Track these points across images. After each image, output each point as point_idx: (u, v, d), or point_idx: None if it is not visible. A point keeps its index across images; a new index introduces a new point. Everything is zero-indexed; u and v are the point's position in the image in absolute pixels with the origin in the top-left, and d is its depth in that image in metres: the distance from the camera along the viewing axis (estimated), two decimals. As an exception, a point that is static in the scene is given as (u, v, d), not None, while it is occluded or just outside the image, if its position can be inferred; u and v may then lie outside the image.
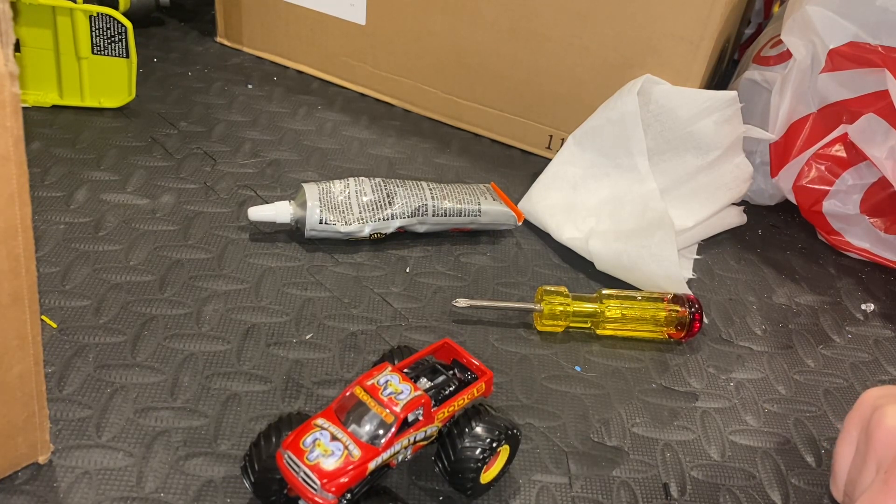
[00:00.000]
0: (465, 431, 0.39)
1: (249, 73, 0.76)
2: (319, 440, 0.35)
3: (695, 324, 0.52)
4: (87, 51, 0.63)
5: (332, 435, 0.36)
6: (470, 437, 0.39)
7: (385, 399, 0.37)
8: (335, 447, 0.35)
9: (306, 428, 0.36)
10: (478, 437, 0.39)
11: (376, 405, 0.37)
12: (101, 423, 0.41)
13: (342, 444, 0.36)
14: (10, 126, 0.30)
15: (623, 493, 0.42)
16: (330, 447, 0.35)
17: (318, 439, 0.35)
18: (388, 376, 0.38)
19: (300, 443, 0.35)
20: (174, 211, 0.56)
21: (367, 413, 0.37)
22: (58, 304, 0.47)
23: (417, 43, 0.70)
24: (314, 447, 0.35)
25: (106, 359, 0.45)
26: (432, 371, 0.41)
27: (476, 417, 0.39)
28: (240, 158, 0.63)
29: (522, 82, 0.67)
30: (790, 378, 0.52)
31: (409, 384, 0.38)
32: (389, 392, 0.37)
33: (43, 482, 0.38)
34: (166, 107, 0.68)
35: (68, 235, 0.53)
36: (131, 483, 0.39)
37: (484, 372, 0.41)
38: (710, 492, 0.43)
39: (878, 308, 0.60)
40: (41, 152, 0.60)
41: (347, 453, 0.35)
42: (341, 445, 0.35)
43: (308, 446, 0.35)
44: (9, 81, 0.30)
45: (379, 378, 0.38)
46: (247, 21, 0.78)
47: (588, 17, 0.62)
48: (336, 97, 0.74)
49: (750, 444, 0.47)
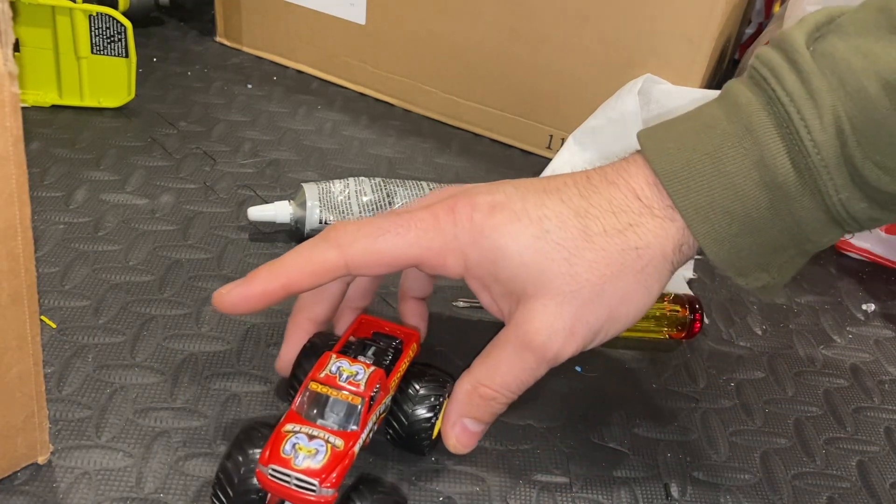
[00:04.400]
0: (410, 395, 0.40)
1: (249, 73, 0.76)
2: (298, 444, 0.35)
3: (695, 324, 0.52)
4: (87, 50, 0.63)
5: (308, 435, 0.35)
6: (418, 399, 0.40)
7: (345, 384, 0.37)
8: (316, 445, 0.35)
9: (279, 438, 0.35)
10: (425, 398, 0.40)
11: (339, 393, 0.37)
12: (100, 424, 0.41)
13: (322, 440, 0.35)
14: (9, 126, 0.30)
15: (623, 493, 0.42)
16: (311, 447, 0.35)
17: (296, 443, 0.35)
18: (336, 363, 0.38)
19: (280, 452, 0.35)
20: (174, 211, 0.56)
21: (333, 403, 0.37)
22: (57, 304, 0.47)
23: (417, 43, 0.70)
24: (297, 452, 0.35)
25: (105, 359, 0.45)
26: (363, 347, 0.41)
27: (416, 379, 0.41)
28: (239, 158, 0.63)
29: (522, 82, 0.67)
30: (791, 378, 0.52)
31: (359, 364, 0.38)
32: (346, 377, 0.37)
33: (42, 482, 0.38)
34: (166, 106, 0.68)
35: (68, 235, 0.52)
36: (131, 483, 0.38)
37: (410, 334, 0.42)
38: (710, 492, 0.43)
39: (879, 308, 0.60)
40: (40, 152, 0.60)
41: (331, 446, 0.35)
42: (321, 441, 0.35)
43: (290, 453, 0.35)
44: (8, 81, 0.29)
45: (330, 367, 0.38)
46: (246, 21, 0.78)
47: (588, 17, 0.62)
48: (336, 97, 0.74)
49: (750, 444, 0.46)
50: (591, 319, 0.38)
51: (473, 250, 0.38)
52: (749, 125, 0.36)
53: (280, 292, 0.38)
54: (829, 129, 0.34)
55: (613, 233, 0.37)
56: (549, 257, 0.37)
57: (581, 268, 0.37)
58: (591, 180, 0.39)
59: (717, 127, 0.37)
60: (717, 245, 0.37)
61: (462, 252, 0.38)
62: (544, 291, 0.37)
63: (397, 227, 0.38)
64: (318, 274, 0.38)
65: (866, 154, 0.34)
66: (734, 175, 0.36)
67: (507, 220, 0.37)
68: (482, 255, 0.38)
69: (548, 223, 0.37)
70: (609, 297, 0.37)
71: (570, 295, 0.37)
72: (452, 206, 0.38)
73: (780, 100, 0.35)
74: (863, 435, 0.48)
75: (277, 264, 0.38)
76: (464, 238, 0.38)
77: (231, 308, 0.38)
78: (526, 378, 0.39)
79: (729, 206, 0.36)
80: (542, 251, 0.37)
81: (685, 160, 0.37)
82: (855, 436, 0.48)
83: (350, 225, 0.38)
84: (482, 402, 0.39)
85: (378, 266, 0.38)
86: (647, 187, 0.37)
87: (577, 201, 0.38)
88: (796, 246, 0.38)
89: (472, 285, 0.40)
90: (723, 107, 0.37)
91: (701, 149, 0.36)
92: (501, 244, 0.37)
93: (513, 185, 0.39)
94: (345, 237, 0.38)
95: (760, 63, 0.37)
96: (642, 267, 0.37)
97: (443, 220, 0.38)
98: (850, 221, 0.37)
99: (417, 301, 0.46)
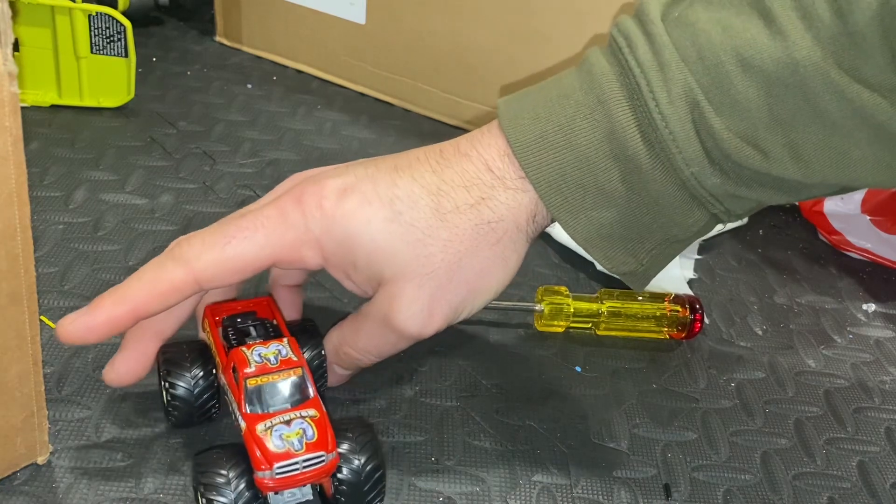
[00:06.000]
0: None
1: (249, 73, 0.76)
2: (283, 433, 0.35)
3: (696, 324, 0.51)
4: (86, 50, 0.63)
5: (284, 422, 0.35)
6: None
7: (277, 365, 0.37)
8: (298, 425, 0.35)
9: (260, 441, 0.35)
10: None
11: (279, 374, 0.37)
12: (100, 424, 0.41)
13: (299, 419, 0.35)
14: (8, 126, 0.30)
15: (624, 493, 0.42)
16: (295, 429, 0.35)
17: (281, 434, 0.35)
18: (255, 352, 0.38)
19: (274, 450, 0.34)
20: (173, 211, 0.56)
21: (281, 386, 0.36)
22: (57, 304, 0.47)
23: (417, 42, 0.70)
24: (288, 440, 0.35)
25: (105, 359, 0.44)
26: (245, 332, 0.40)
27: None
28: (239, 158, 0.63)
29: (522, 82, 0.67)
30: (791, 378, 0.52)
31: (273, 342, 0.38)
32: (272, 359, 0.37)
33: (42, 483, 0.38)
34: (165, 106, 0.68)
35: (67, 235, 0.52)
36: (130, 484, 0.38)
37: (260, 301, 0.42)
38: (710, 492, 0.43)
39: (879, 308, 0.60)
40: (40, 152, 0.60)
41: (310, 418, 0.35)
42: (300, 420, 0.35)
43: (283, 446, 0.35)
44: (8, 81, 0.29)
45: (252, 359, 0.37)
46: (246, 20, 0.78)
47: (588, 17, 0.62)
48: (336, 97, 0.74)
49: (751, 444, 0.46)
50: (450, 297, 0.37)
51: (328, 239, 0.37)
52: (601, 96, 0.35)
53: (127, 318, 0.36)
54: (678, 101, 0.34)
55: (466, 208, 0.37)
56: (403, 239, 0.36)
57: (435, 248, 0.37)
58: (443, 153, 0.38)
59: (571, 97, 0.36)
60: (573, 217, 0.37)
61: (317, 243, 0.37)
62: (401, 275, 0.37)
63: (243, 230, 0.36)
64: (166, 296, 0.36)
65: (726, 127, 0.34)
66: (585, 147, 0.36)
67: (357, 204, 0.36)
68: (337, 244, 0.37)
69: (399, 204, 0.36)
70: (466, 274, 0.37)
71: (426, 277, 0.37)
72: (299, 197, 0.37)
73: (631, 70, 0.35)
74: (863, 435, 0.48)
75: (122, 290, 0.36)
76: (316, 228, 0.37)
77: (76, 339, 0.36)
78: (387, 349, 0.40)
79: (581, 178, 0.36)
80: (396, 234, 0.36)
81: (539, 132, 0.36)
82: (855, 436, 0.48)
83: (195, 237, 0.37)
84: (346, 359, 0.41)
85: (231, 275, 0.37)
86: (498, 158, 0.37)
87: (430, 178, 0.37)
88: (662, 230, 0.37)
89: (333, 273, 0.39)
90: (579, 76, 0.37)
91: (554, 120, 0.36)
92: (354, 230, 0.36)
93: (364, 164, 0.39)
94: (189, 251, 0.36)
95: (618, 32, 0.36)
96: (497, 240, 0.37)
97: (291, 213, 0.36)
98: (709, 199, 0.36)
99: (290, 289, 0.45)
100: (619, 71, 0.36)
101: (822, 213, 0.64)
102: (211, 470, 0.35)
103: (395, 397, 0.46)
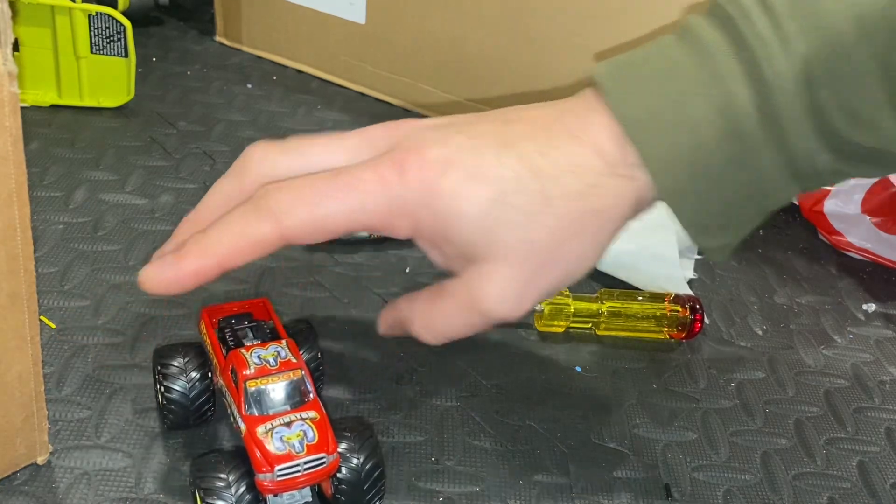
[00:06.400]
0: None
1: (249, 73, 0.76)
2: (284, 436, 0.35)
3: (696, 324, 0.51)
4: (86, 50, 0.63)
5: (284, 424, 0.35)
6: None
7: (277, 366, 0.37)
8: (299, 427, 0.35)
9: (260, 443, 0.35)
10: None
11: (278, 376, 0.36)
12: (99, 424, 0.41)
13: (299, 421, 0.35)
14: (8, 125, 0.30)
15: (624, 494, 0.42)
16: (296, 431, 0.35)
17: (282, 436, 0.35)
18: (254, 354, 0.38)
19: (274, 451, 0.34)
20: (173, 211, 0.56)
21: (281, 387, 0.36)
22: (56, 304, 0.47)
23: (417, 42, 0.70)
24: (289, 443, 0.35)
25: (105, 359, 0.45)
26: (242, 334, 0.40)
27: None
28: (239, 158, 0.63)
29: (523, 82, 0.67)
30: (791, 378, 0.52)
31: (272, 344, 0.38)
32: (272, 361, 0.37)
33: (42, 483, 0.38)
34: (165, 106, 0.68)
35: (67, 235, 0.52)
36: (130, 484, 0.38)
37: (256, 303, 0.42)
38: (711, 492, 0.43)
39: (879, 308, 0.60)
40: (40, 152, 0.60)
41: (310, 420, 0.35)
42: (300, 422, 0.35)
43: (285, 448, 0.35)
44: (7, 81, 0.29)
45: (252, 361, 0.37)
46: (246, 20, 0.78)
47: (588, 16, 0.61)
48: (336, 97, 0.74)
49: (751, 444, 0.46)
50: (544, 282, 0.36)
51: (425, 213, 0.35)
52: (716, 70, 0.34)
53: (213, 271, 0.35)
54: (800, 76, 0.33)
55: (574, 195, 0.35)
56: (506, 221, 0.35)
57: (539, 233, 0.35)
58: (551, 133, 0.36)
59: (681, 70, 0.34)
60: (682, 200, 0.35)
61: (412, 214, 0.35)
62: (499, 256, 0.35)
63: (337, 190, 0.35)
64: (253, 250, 0.35)
65: (840, 103, 0.33)
66: (698, 125, 0.34)
67: (461, 180, 0.34)
68: (434, 218, 0.35)
69: (504, 184, 0.35)
70: (565, 260, 0.36)
71: (525, 261, 0.35)
72: (400, 163, 0.35)
73: (748, 43, 0.33)
74: (863, 435, 0.48)
75: (209, 240, 0.35)
76: (413, 199, 0.35)
77: (162, 289, 0.35)
78: (466, 332, 0.38)
79: (692, 158, 0.34)
80: (499, 216, 0.35)
81: (651, 108, 0.35)
82: (855, 436, 0.48)
83: (284, 190, 0.35)
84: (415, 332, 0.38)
85: (320, 235, 0.35)
86: (609, 141, 0.35)
87: (537, 160, 0.35)
88: (756, 203, 0.36)
89: (421, 244, 0.38)
90: (686, 47, 0.35)
91: (666, 96, 0.34)
92: (455, 208, 0.34)
93: (466, 134, 0.36)
94: (279, 205, 0.34)
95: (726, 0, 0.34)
96: (599, 227, 0.36)
97: (389, 179, 0.35)
98: (812, 175, 0.35)
99: None
100: (733, 43, 0.34)
101: (823, 213, 0.64)
102: (210, 474, 0.35)
103: (395, 397, 0.46)
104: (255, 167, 0.37)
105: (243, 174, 0.37)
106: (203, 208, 0.37)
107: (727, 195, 0.36)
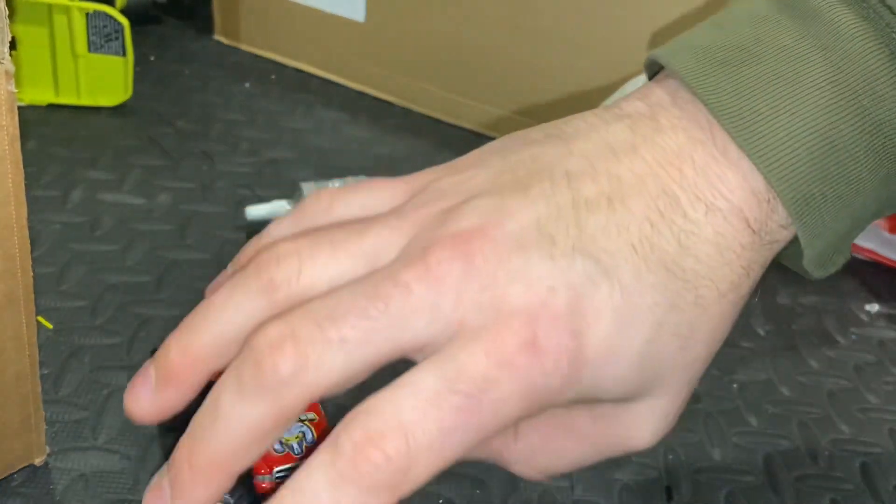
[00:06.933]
0: None
1: (247, 72, 0.76)
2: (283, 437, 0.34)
3: (697, 325, 0.51)
4: (84, 49, 0.62)
5: None
6: None
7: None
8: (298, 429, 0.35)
9: None
10: None
11: None
12: (97, 426, 0.41)
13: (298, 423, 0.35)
14: (5, 125, 0.30)
15: (625, 495, 0.42)
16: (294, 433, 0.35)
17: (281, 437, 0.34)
18: None
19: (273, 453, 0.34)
20: (171, 210, 0.56)
21: None
22: (54, 304, 0.47)
23: (417, 41, 0.70)
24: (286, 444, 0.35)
25: (102, 360, 0.44)
26: None
27: None
28: (238, 157, 0.63)
29: (523, 81, 0.67)
30: (793, 379, 0.52)
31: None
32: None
33: (39, 485, 0.38)
34: (163, 105, 0.68)
35: (64, 235, 0.52)
36: (128, 486, 0.38)
37: None
38: (712, 494, 0.43)
39: (882, 309, 0.60)
40: (37, 151, 0.60)
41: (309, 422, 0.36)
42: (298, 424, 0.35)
43: (284, 450, 0.34)
44: (5, 79, 0.29)
45: None
46: (244, 19, 0.77)
47: (589, 16, 0.61)
48: (335, 95, 0.74)
49: (753, 445, 0.46)
50: (692, 390, 0.29)
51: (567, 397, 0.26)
52: (867, 72, 0.26)
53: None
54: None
55: (728, 288, 0.27)
56: (664, 352, 0.27)
57: (698, 350, 0.27)
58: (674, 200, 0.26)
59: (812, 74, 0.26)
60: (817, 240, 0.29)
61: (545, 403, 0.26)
62: (654, 393, 0.28)
63: None
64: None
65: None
66: (841, 142, 0.26)
67: (610, 333, 0.25)
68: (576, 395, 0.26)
69: (658, 314, 0.26)
70: (711, 358, 0.29)
71: (685, 385, 0.28)
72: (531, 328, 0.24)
73: None
74: (866, 436, 0.48)
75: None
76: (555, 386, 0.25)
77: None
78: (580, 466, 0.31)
79: (837, 189, 0.27)
80: (657, 353, 0.26)
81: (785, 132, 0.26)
82: (858, 437, 0.48)
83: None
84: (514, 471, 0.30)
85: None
86: (749, 201, 0.26)
87: (679, 258, 0.26)
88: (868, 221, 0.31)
89: None
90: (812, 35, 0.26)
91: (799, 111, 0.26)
92: (609, 374, 0.26)
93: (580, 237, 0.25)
94: None
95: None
96: (737, 313, 0.29)
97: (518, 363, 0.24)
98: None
99: None
100: (874, 28, 0.26)
101: (824, 212, 0.64)
102: None
103: (395, 398, 0.45)
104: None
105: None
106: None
107: (862, 219, 0.30)
